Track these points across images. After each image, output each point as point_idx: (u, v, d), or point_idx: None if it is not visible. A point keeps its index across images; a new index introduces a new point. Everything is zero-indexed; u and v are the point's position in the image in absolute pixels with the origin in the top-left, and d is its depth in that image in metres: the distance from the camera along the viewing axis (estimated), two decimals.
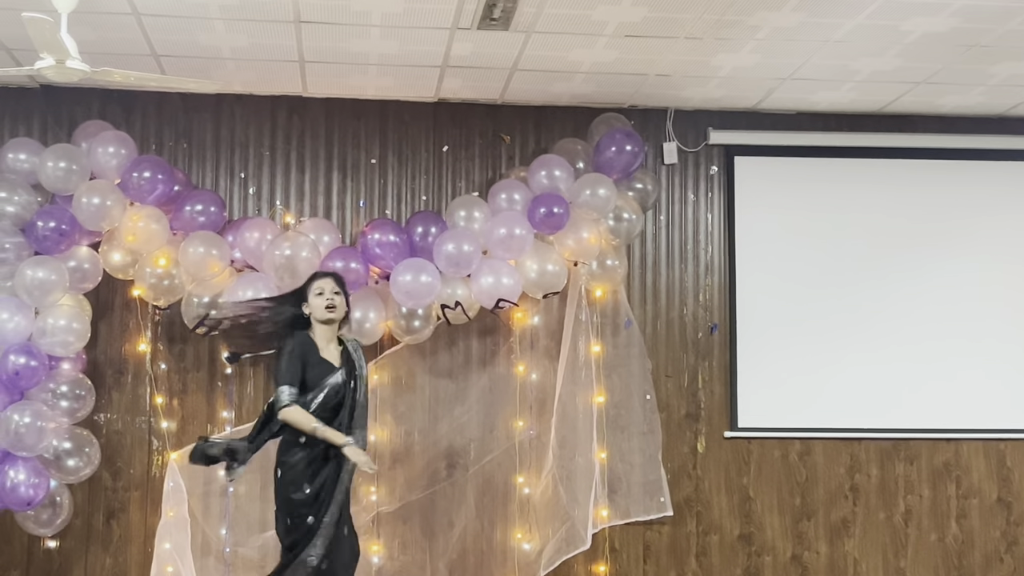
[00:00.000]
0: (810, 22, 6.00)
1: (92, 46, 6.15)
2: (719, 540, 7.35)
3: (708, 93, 7.22)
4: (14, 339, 6.52)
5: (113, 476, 7.05)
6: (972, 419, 7.52)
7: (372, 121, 7.38)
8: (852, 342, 7.51)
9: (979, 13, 5.86)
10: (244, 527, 7.01)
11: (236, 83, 7.07)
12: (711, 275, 7.52)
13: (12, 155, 6.81)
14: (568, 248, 7.04)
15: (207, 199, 6.92)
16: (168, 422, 7.07)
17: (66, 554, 6.96)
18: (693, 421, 7.40)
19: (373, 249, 6.88)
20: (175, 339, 7.12)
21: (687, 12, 5.86)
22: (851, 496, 7.44)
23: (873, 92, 7.18)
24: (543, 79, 6.96)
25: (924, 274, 7.58)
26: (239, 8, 5.85)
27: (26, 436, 6.38)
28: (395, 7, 5.81)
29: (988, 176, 7.67)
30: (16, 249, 6.66)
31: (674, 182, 7.56)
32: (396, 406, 7.17)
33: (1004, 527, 7.47)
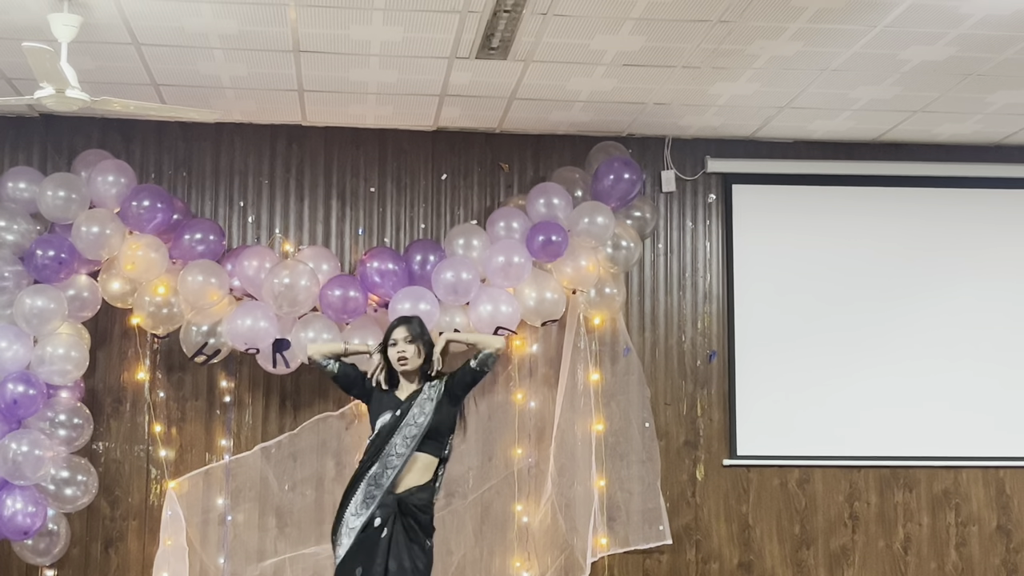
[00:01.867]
0: (808, 51, 6.01)
1: (92, 75, 6.17)
2: (719, 568, 7.31)
3: (706, 121, 7.22)
4: (12, 367, 6.51)
5: (111, 505, 7.02)
6: (971, 447, 7.51)
7: (371, 150, 7.39)
8: (850, 370, 7.50)
9: (975, 42, 5.87)
10: (243, 556, 6.98)
11: (235, 112, 7.07)
12: (709, 303, 7.52)
13: (12, 184, 6.81)
14: (566, 276, 7.03)
15: (206, 228, 6.91)
16: (167, 451, 7.04)
17: None
18: (692, 449, 7.38)
19: (372, 277, 6.87)
20: (174, 368, 7.10)
21: (685, 41, 5.87)
22: (850, 524, 7.41)
23: (870, 120, 7.18)
24: (541, 108, 6.97)
25: (922, 302, 7.57)
26: (239, 38, 5.85)
27: (24, 465, 6.36)
28: (394, 36, 5.82)
29: (985, 204, 7.68)
30: (15, 277, 6.65)
31: (672, 210, 7.56)
32: None
33: (1004, 555, 7.45)
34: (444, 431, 5.53)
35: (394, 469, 5.41)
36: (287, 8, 5.48)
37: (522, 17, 5.56)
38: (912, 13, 5.50)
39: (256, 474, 7.05)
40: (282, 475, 7.06)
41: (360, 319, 6.86)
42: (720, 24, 5.65)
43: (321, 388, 7.12)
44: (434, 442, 5.48)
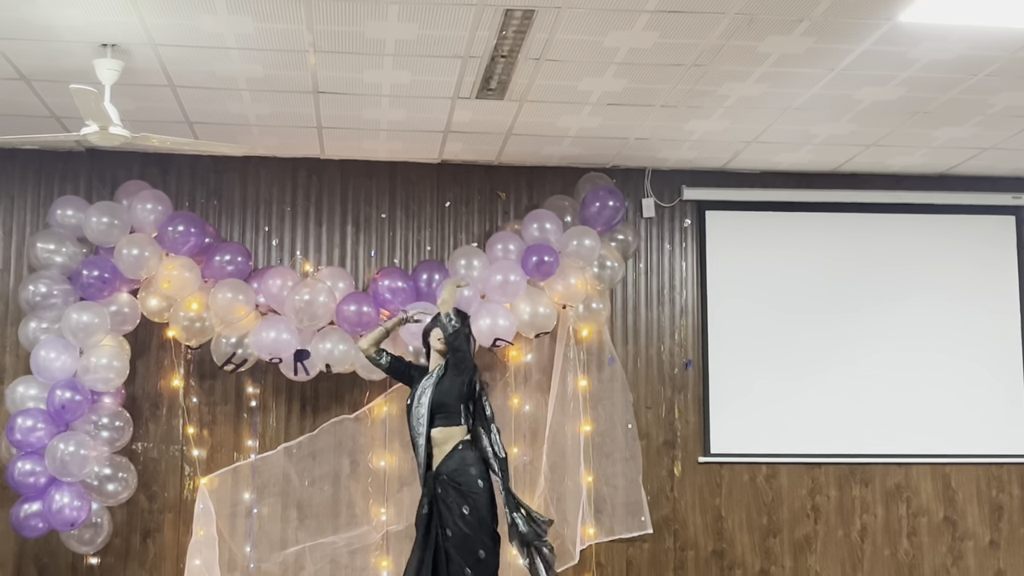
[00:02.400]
0: (772, 92, 6.03)
1: (132, 114, 6.18)
2: (694, 555, 7.31)
3: (682, 155, 7.24)
4: (61, 376, 6.52)
5: (149, 499, 7.01)
6: (920, 445, 7.51)
7: (382, 180, 7.41)
8: (812, 377, 7.51)
9: (923, 84, 5.90)
10: (267, 545, 6.98)
11: (261, 147, 7.08)
12: (685, 316, 7.53)
13: (60, 211, 6.83)
14: (557, 293, 7.04)
15: (235, 250, 6.93)
16: (199, 450, 7.04)
17: (106, 570, 6.91)
18: (670, 448, 7.38)
19: (383, 294, 6.89)
20: (205, 375, 7.10)
21: (663, 83, 5.89)
22: (812, 515, 7.41)
23: (829, 153, 7.21)
24: (535, 142, 6.98)
25: (876, 316, 7.59)
26: (264, 80, 5.88)
27: (71, 463, 6.37)
28: (403, 79, 5.84)
29: (932, 228, 7.69)
30: (63, 295, 6.68)
31: (652, 234, 7.57)
32: (403, 435, 7.11)
33: (950, 543, 7.45)
34: (451, 402, 5.57)
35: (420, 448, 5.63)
36: (307, 54, 5.51)
37: (517, 62, 5.59)
38: (865, 58, 5.53)
39: (279, 471, 7.05)
40: (303, 472, 7.06)
41: None
42: (694, 68, 5.67)
43: (338, 394, 7.13)
44: (443, 415, 5.53)
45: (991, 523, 7.47)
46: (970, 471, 7.51)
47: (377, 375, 6.86)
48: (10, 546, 6.86)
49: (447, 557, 5.63)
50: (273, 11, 4.99)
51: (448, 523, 5.58)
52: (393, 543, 7.04)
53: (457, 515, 5.58)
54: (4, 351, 7.00)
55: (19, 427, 6.45)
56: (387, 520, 7.05)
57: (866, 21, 5.09)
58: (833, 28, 5.17)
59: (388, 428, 7.12)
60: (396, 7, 4.95)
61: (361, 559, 7.01)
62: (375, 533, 7.02)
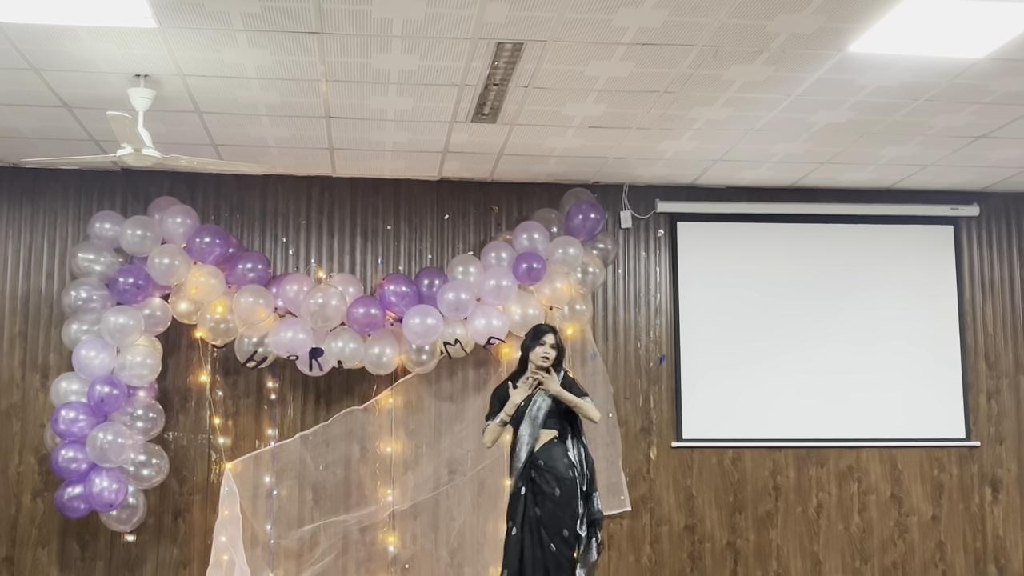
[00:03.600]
0: (736, 115, 6.03)
1: (163, 137, 6.17)
2: (668, 530, 7.30)
3: (655, 172, 7.24)
4: (100, 372, 6.51)
5: (179, 483, 6.99)
6: (870, 431, 7.51)
7: (388, 196, 7.39)
8: (773, 370, 7.51)
9: (870, 108, 5.91)
10: (285, 523, 6.96)
11: (278, 166, 7.07)
12: (659, 317, 7.52)
13: (99, 225, 6.82)
14: (545, 296, 7.04)
15: (255, 259, 6.91)
16: (224, 438, 7.02)
17: (141, 546, 6.89)
18: (647, 434, 7.37)
19: (389, 298, 6.87)
20: (230, 371, 7.08)
21: (638, 108, 5.89)
22: (774, 494, 7.41)
23: (787, 170, 7.21)
24: (524, 161, 6.98)
25: (830, 316, 7.59)
26: (281, 107, 5.87)
27: (109, 451, 6.36)
28: (406, 105, 5.84)
29: (879, 237, 7.70)
30: (102, 300, 6.67)
31: (629, 243, 7.57)
32: (408, 424, 7.14)
33: (896, 518, 7.45)
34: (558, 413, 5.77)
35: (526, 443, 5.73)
36: (320, 84, 5.50)
37: (508, 90, 5.59)
38: (819, 85, 5.54)
39: (296, 457, 7.03)
40: (317, 458, 7.05)
41: (379, 331, 6.85)
42: (666, 94, 5.68)
43: (348, 387, 7.11)
44: (553, 420, 5.75)
45: (933, 500, 7.47)
46: (914, 453, 7.51)
47: (384, 371, 6.86)
48: (55, 525, 6.83)
49: (537, 533, 5.67)
50: (289, 45, 4.99)
51: (540, 503, 5.65)
52: (399, 520, 7.03)
53: (548, 496, 5.64)
54: (49, 350, 6.97)
55: (63, 418, 6.44)
56: (393, 500, 7.04)
57: (819, 52, 5.10)
58: (790, 58, 5.18)
59: (394, 418, 7.10)
60: (399, 41, 4.95)
61: (370, 535, 7.00)
62: (382, 512, 7.01)
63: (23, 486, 6.86)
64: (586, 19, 4.71)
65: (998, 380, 7.63)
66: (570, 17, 4.69)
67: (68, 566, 6.83)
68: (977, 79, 5.47)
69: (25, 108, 5.90)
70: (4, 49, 5.06)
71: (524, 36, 4.90)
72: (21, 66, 5.28)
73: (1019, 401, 7.62)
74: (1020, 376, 7.65)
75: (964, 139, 6.50)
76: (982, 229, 7.77)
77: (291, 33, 4.86)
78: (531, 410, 5.76)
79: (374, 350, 6.79)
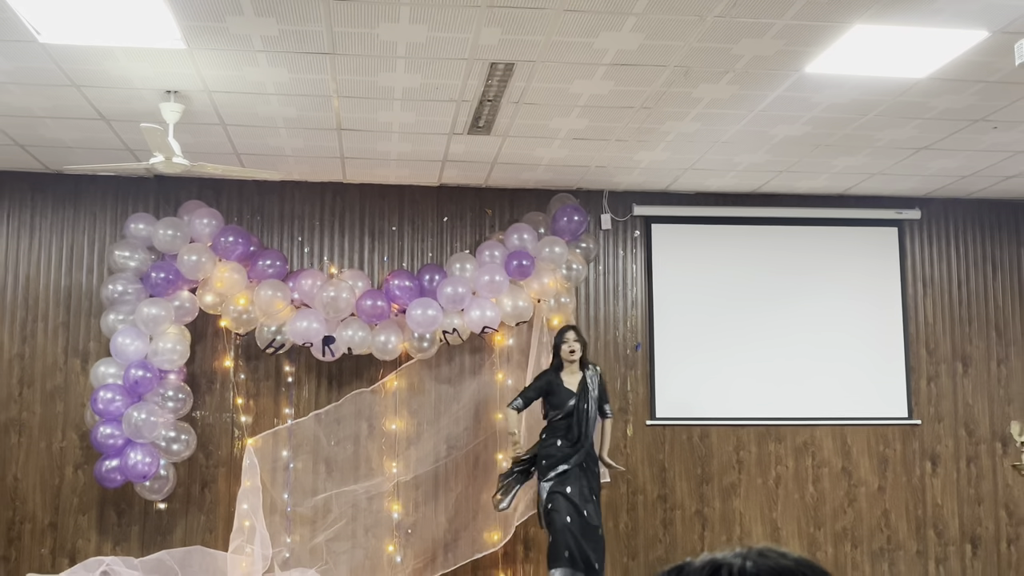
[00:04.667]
0: (704, 129, 6.05)
1: (191, 147, 6.17)
2: (643, 499, 7.32)
3: (632, 179, 7.26)
4: (134, 357, 6.51)
5: (206, 456, 6.99)
6: (823, 411, 7.53)
7: (393, 200, 7.40)
8: (738, 357, 7.52)
9: (824, 123, 5.93)
10: (301, 493, 6.97)
11: (295, 173, 7.08)
12: (635, 308, 7.54)
13: (133, 225, 6.82)
14: (533, 290, 7.05)
15: (274, 256, 6.92)
16: (246, 417, 7.02)
17: (171, 514, 6.89)
18: (624, 413, 7.39)
19: (393, 291, 6.88)
20: (251, 357, 7.08)
21: (617, 123, 5.91)
22: (737, 467, 7.43)
23: (749, 178, 7.23)
24: (515, 169, 6.99)
25: (788, 308, 7.61)
26: (297, 120, 5.87)
27: (143, 428, 6.36)
28: (409, 119, 5.84)
29: (831, 238, 7.72)
30: (136, 293, 6.67)
31: (609, 242, 7.58)
32: (411, 404, 7.15)
33: (846, 488, 7.48)
34: None
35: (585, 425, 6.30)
36: (332, 99, 5.50)
37: (500, 105, 5.60)
38: (778, 102, 5.56)
39: (311, 433, 7.04)
40: (329, 434, 7.06)
41: (385, 321, 6.86)
42: (642, 110, 5.69)
43: (358, 371, 7.12)
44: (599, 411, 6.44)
45: (879, 472, 7.51)
46: (862, 431, 7.54)
47: (390, 357, 6.87)
48: (94, 495, 6.83)
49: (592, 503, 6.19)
50: (304, 64, 4.99)
51: (591, 482, 6.19)
52: (402, 490, 7.04)
53: (595, 476, 6.26)
54: (89, 338, 6.97)
55: (101, 399, 6.44)
56: (397, 472, 7.05)
57: (779, 72, 5.12)
58: (752, 78, 5.19)
59: (398, 399, 7.11)
60: (403, 61, 4.95)
61: (376, 503, 7.01)
62: (388, 483, 7.02)
63: (66, 459, 6.86)
64: (570, 42, 4.73)
65: (937, 366, 7.66)
66: (556, 40, 4.70)
67: (106, 531, 6.84)
68: (919, 97, 5.50)
69: (67, 120, 5.89)
70: (48, 68, 5.06)
71: (515, 57, 4.91)
72: (64, 83, 5.28)
73: (955, 384, 7.66)
74: (956, 362, 7.68)
75: (907, 150, 6.53)
76: (923, 231, 7.79)
77: (306, 54, 4.86)
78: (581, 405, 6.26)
79: (380, 338, 6.80)
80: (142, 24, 4.52)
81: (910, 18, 4.47)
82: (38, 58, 4.93)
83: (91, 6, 4.36)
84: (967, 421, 7.61)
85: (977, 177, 7.18)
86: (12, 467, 6.82)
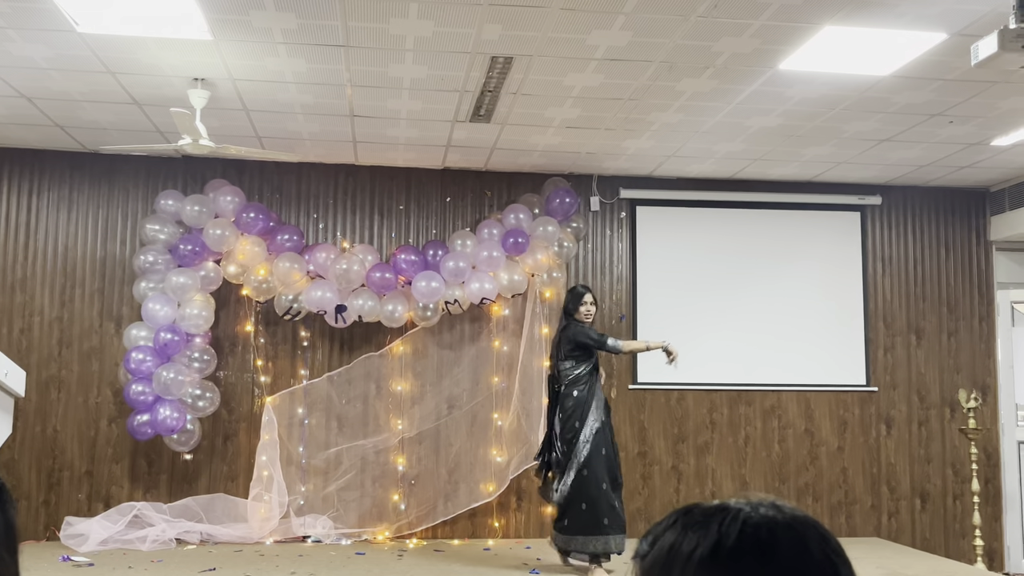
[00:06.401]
0: (686, 120, 6.04)
1: (216, 130, 6.15)
2: (625, 456, 7.30)
3: (620, 164, 7.25)
4: (164, 322, 6.51)
5: (228, 412, 7.01)
6: (789, 377, 7.57)
7: (400, 181, 7.38)
8: (712, 327, 7.54)
9: (795, 115, 5.92)
10: (315, 446, 7.00)
11: (311, 155, 7.05)
12: (621, 283, 7.55)
13: (163, 201, 6.80)
14: (528, 265, 7.05)
15: (292, 231, 6.91)
16: (265, 377, 7.04)
17: (197, 464, 6.93)
18: (609, 378, 7.40)
19: (401, 264, 6.88)
20: (270, 323, 7.09)
21: (606, 112, 5.89)
22: (710, 427, 7.48)
23: (727, 165, 7.22)
24: (513, 154, 6.97)
25: (759, 283, 7.63)
26: (314, 106, 5.84)
27: (171, 386, 6.38)
28: (416, 107, 5.82)
29: (802, 221, 7.72)
30: (166, 263, 6.66)
31: (597, 223, 7.58)
32: (415, 367, 7.17)
33: (809, 447, 7.53)
34: None
35: None
36: (345, 88, 5.48)
37: (500, 95, 5.58)
38: (754, 96, 5.54)
39: (324, 393, 7.06)
40: (341, 394, 7.08)
41: (392, 292, 6.87)
42: (629, 102, 5.67)
43: (367, 336, 7.13)
44: None
45: (839, 434, 7.56)
46: (824, 396, 7.58)
47: (396, 324, 6.88)
48: (127, 446, 6.86)
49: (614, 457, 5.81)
50: (320, 56, 4.96)
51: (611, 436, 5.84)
52: (407, 445, 7.08)
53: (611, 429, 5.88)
54: (122, 304, 6.97)
55: (133, 359, 6.45)
56: (402, 429, 7.08)
57: (755, 68, 5.10)
58: (731, 73, 5.17)
59: (403, 362, 7.13)
60: (411, 54, 4.93)
61: (383, 457, 7.05)
62: (394, 438, 7.05)
63: (101, 414, 6.89)
64: (565, 38, 4.70)
65: (893, 338, 7.69)
66: (552, 36, 4.68)
67: (137, 479, 6.87)
68: (883, 93, 5.48)
69: (103, 104, 5.86)
70: (86, 56, 5.03)
71: (513, 52, 4.88)
72: (100, 70, 5.24)
73: (909, 355, 7.69)
74: (911, 335, 7.72)
75: (871, 142, 6.52)
76: (883, 215, 7.80)
77: (322, 46, 4.84)
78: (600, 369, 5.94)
79: (388, 307, 6.81)
80: (172, 17, 4.49)
81: (876, 20, 4.45)
82: (76, 46, 4.89)
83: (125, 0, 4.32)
84: (919, 388, 7.66)
85: (934, 167, 7.18)
86: (52, 420, 6.84)
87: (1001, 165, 7.09)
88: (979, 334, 7.75)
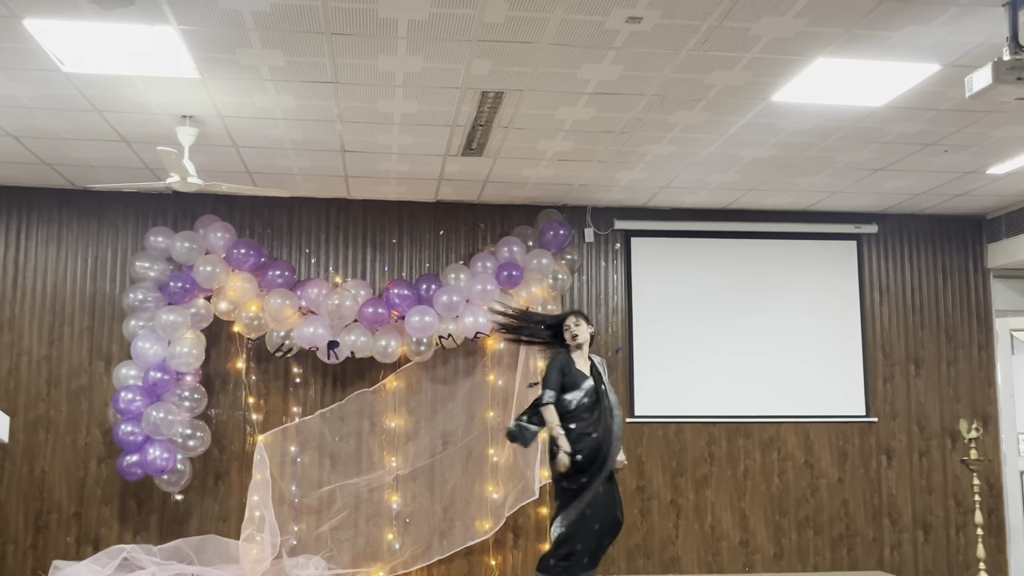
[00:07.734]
0: (679, 151, 6.00)
1: (206, 166, 6.10)
2: (623, 490, 7.16)
3: (613, 196, 7.21)
4: (154, 360, 6.44)
5: (220, 451, 6.91)
6: (787, 409, 7.49)
7: (393, 215, 7.33)
8: (709, 360, 7.47)
9: (788, 146, 5.89)
10: (307, 485, 6.90)
11: (302, 190, 7.00)
12: (616, 315, 7.48)
13: (153, 238, 6.74)
14: (522, 298, 6.99)
15: (283, 267, 6.84)
16: (256, 415, 6.95)
17: (188, 504, 6.81)
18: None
19: (393, 299, 6.81)
20: (262, 359, 7.00)
21: (599, 145, 5.85)
22: (709, 460, 7.38)
23: (721, 195, 7.19)
24: (506, 187, 6.93)
25: (756, 314, 7.57)
26: (304, 142, 5.80)
27: (161, 425, 6.29)
28: (407, 141, 5.78)
29: (796, 250, 7.67)
30: (155, 300, 6.60)
31: (591, 254, 7.52)
32: (408, 403, 7.08)
33: (809, 479, 7.44)
34: None
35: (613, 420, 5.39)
36: (335, 123, 5.44)
37: (491, 129, 5.55)
38: (747, 127, 5.52)
39: (317, 430, 6.96)
40: (334, 431, 6.98)
41: (385, 327, 6.79)
42: (621, 134, 5.64)
43: (360, 372, 7.05)
44: None
45: (839, 465, 7.47)
46: (823, 427, 7.50)
47: (389, 360, 6.80)
48: (116, 487, 6.75)
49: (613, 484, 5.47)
50: (309, 92, 4.93)
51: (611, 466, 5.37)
52: (401, 483, 6.97)
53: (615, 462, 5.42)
54: (111, 342, 6.89)
55: (122, 399, 6.37)
56: (396, 466, 6.98)
57: (747, 101, 5.07)
58: (723, 106, 5.14)
59: (397, 398, 7.04)
60: (402, 89, 4.89)
61: (377, 495, 6.94)
62: (388, 476, 6.95)
63: (90, 454, 6.78)
64: (556, 73, 4.67)
65: (892, 367, 7.63)
66: (542, 71, 4.65)
67: (127, 520, 6.75)
68: (876, 123, 5.46)
69: (91, 142, 5.81)
70: (72, 94, 4.98)
71: (504, 86, 4.85)
72: (86, 108, 5.20)
73: (909, 385, 7.62)
74: (910, 364, 7.65)
75: (865, 171, 6.49)
76: (880, 244, 7.76)
77: (311, 83, 4.80)
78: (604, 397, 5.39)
79: (381, 342, 6.73)
80: (159, 55, 4.45)
81: (868, 52, 4.43)
82: (62, 86, 4.85)
83: (111, 39, 4.28)
84: (919, 418, 7.57)
85: (929, 195, 7.15)
86: (40, 461, 6.73)
87: (997, 192, 7.06)
88: (978, 363, 7.68)
